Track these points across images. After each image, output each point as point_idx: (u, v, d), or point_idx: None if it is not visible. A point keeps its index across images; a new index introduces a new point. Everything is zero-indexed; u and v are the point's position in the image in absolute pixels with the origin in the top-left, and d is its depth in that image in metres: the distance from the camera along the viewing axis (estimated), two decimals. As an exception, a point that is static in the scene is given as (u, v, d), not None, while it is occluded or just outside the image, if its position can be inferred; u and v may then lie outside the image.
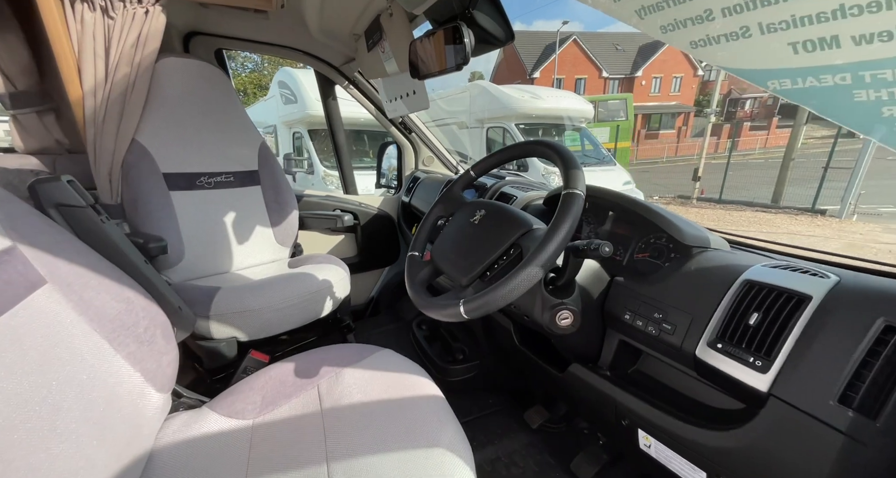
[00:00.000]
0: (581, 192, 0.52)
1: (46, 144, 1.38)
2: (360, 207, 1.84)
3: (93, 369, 0.50)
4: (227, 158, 1.38)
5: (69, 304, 0.51)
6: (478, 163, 0.78)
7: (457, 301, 0.54)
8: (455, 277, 0.62)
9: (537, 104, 5.90)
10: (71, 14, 1.07)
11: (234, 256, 1.36)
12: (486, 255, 0.58)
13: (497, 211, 0.63)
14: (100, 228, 0.61)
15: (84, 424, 0.47)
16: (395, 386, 0.70)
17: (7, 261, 0.45)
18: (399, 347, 1.58)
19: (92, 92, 1.11)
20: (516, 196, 1.01)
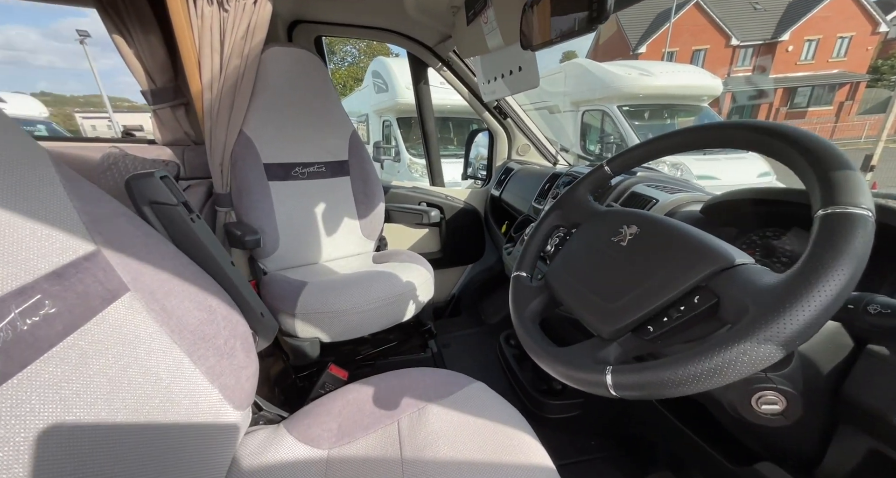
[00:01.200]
0: (869, 211, 0.29)
1: (178, 136, 1.53)
2: (447, 200, 1.73)
3: (167, 391, 0.46)
4: (320, 148, 1.36)
5: (150, 314, 0.47)
6: (618, 156, 0.57)
7: (601, 366, 0.36)
8: (590, 321, 0.43)
9: (648, 82, 5.08)
10: (193, 10, 1.11)
11: (322, 248, 1.36)
12: (645, 297, 0.38)
13: (664, 230, 0.42)
14: (189, 227, 0.58)
15: (157, 458, 0.42)
16: (492, 442, 0.55)
17: (86, 268, 0.41)
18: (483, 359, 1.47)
19: (209, 85, 1.16)
20: (655, 199, 0.76)
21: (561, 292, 0.50)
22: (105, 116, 15.18)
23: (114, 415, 0.39)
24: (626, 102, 5.24)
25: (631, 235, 0.45)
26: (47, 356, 0.34)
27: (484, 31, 1.10)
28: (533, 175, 1.41)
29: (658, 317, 0.37)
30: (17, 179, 0.36)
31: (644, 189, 0.81)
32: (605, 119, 5.30)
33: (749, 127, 0.40)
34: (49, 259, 0.37)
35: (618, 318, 0.40)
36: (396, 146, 6.04)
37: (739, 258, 0.35)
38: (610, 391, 0.35)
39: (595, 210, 0.56)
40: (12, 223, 0.34)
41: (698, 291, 0.35)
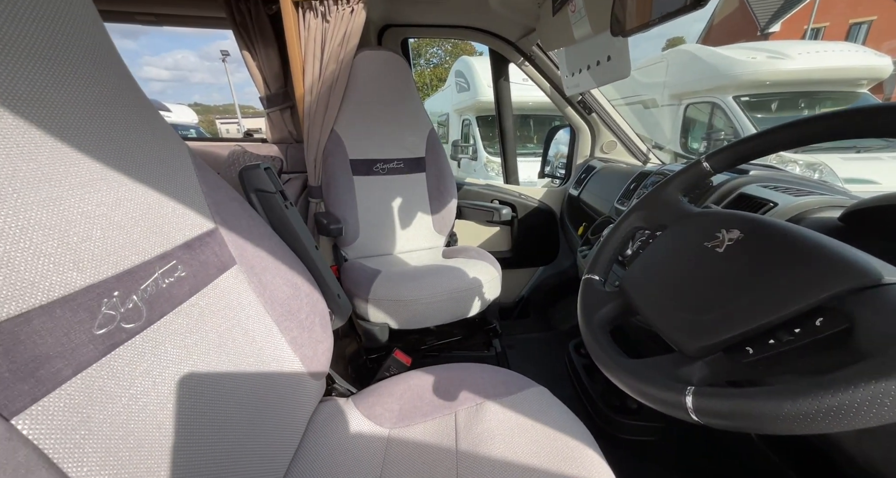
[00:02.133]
0: None
1: (283, 136, 1.76)
2: (520, 199, 1.69)
3: (261, 352, 0.53)
4: (400, 145, 1.44)
5: (250, 285, 0.55)
6: (722, 150, 0.49)
7: (681, 385, 0.32)
8: (672, 335, 0.38)
9: (780, 66, 4.21)
10: (302, 23, 1.26)
11: (396, 240, 1.43)
12: (748, 313, 0.32)
13: (778, 236, 0.35)
14: (284, 213, 0.66)
15: (247, 407, 0.49)
16: (550, 449, 0.53)
17: (207, 242, 0.49)
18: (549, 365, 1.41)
19: (310, 89, 1.30)
20: (773, 202, 0.64)
21: (638, 300, 0.45)
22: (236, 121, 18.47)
23: (220, 366, 0.46)
24: (746, 92, 4.43)
25: (730, 241, 0.38)
26: (178, 310, 0.42)
27: (570, 20, 1.04)
28: (617, 174, 1.29)
29: (762, 338, 0.31)
30: (167, 169, 0.46)
31: (758, 190, 0.69)
32: (715, 112, 4.56)
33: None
34: (183, 232, 0.45)
35: (708, 333, 0.34)
36: (474, 145, 6.07)
37: (889, 275, 0.28)
38: (690, 415, 0.30)
39: (686, 211, 0.49)
40: (161, 202, 0.43)
41: (823, 312, 0.29)
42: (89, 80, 0.38)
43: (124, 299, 0.36)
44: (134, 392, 0.35)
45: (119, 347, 0.35)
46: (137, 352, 0.36)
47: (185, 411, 0.40)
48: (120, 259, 0.37)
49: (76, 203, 0.34)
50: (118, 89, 0.42)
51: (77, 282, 0.32)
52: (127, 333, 0.36)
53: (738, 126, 4.20)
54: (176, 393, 0.39)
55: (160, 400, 0.37)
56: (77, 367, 0.30)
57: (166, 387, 0.38)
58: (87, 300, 0.32)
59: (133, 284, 0.37)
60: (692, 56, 5.00)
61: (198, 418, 0.41)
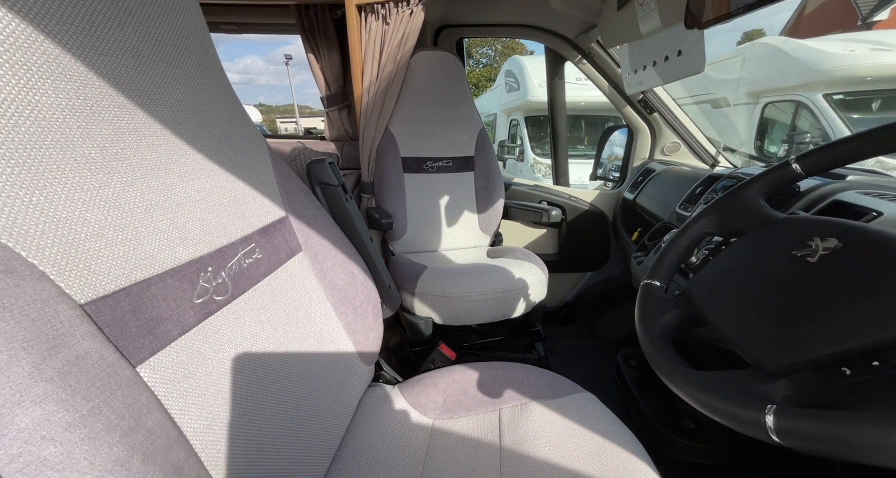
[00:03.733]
0: None
1: (340, 134, 1.86)
2: (570, 201, 1.63)
3: (320, 333, 0.57)
4: (450, 144, 1.45)
5: (313, 271, 0.59)
6: (815, 151, 0.44)
7: (759, 403, 0.29)
8: (749, 348, 0.35)
9: (887, 59, 3.66)
10: (364, 26, 1.32)
11: (442, 238, 1.46)
12: (848, 330, 0.29)
13: (887, 246, 0.31)
14: (344, 205, 0.70)
15: (307, 382, 0.52)
16: (597, 457, 0.51)
17: (279, 229, 0.53)
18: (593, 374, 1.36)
19: (368, 90, 1.36)
20: (877, 211, 0.56)
21: (707, 310, 0.42)
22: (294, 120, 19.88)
23: (287, 342, 0.50)
24: (841, 89, 3.90)
25: (825, 251, 0.35)
26: (255, 288, 0.46)
27: (638, 14, 0.99)
28: (681, 177, 1.21)
29: (864, 359, 0.28)
30: (250, 161, 0.51)
31: (856, 198, 0.61)
32: (801, 112, 4.05)
33: None
34: (261, 218, 0.50)
35: (795, 349, 0.31)
36: (521, 145, 5.98)
37: None
38: (770, 435, 0.28)
39: (769, 217, 0.45)
40: (245, 190, 0.48)
41: None
42: (199, 81, 0.43)
43: (216, 275, 0.40)
44: (222, 357, 0.39)
45: (211, 316, 0.39)
46: (225, 321, 0.41)
47: (258, 379, 0.44)
48: (213, 239, 0.41)
49: (183, 189, 0.39)
50: (218, 90, 0.47)
51: (183, 256, 0.37)
52: (217, 305, 0.40)
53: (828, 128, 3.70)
54: (252, 362, 0.43)
55: (241, 366, 0.41)
56: (182, 329, 0.35)
57: (245, 356, 0.43)
58: (190, 273, 0.37)
59: (223, 262, 0.42)
60: (774, 49, 4.49)
61: (268, 388, 0.45)
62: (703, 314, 0.43)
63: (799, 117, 4.08)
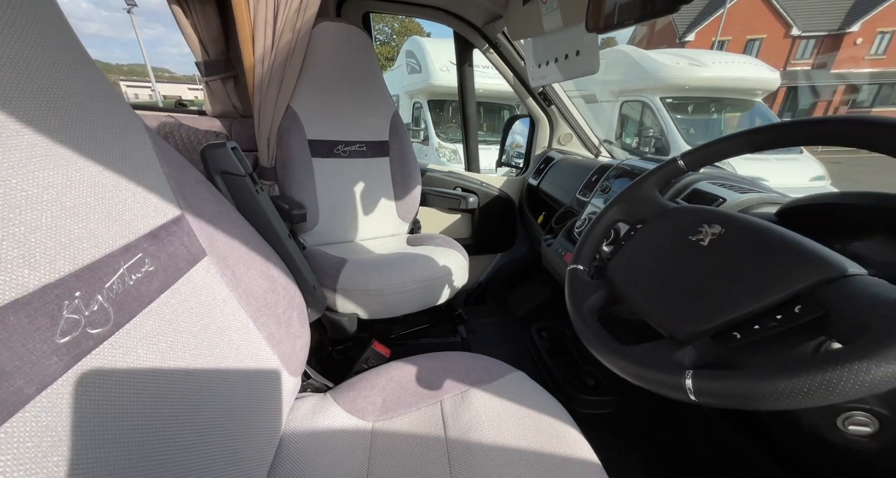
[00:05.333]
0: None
1: (227, 109, 1.57)
2: (482, 187, 1.71)
3: (238, 352, 0.48)
4: (363, 127, 1.37)
5: (223, 279, 0.49)
6: (695, 150, 0.54)
7: (679, 369, 0.35)
8: (663, 321, 0.42)
9: (698, 73, 4.75)
10: (249, -19, 1.11)
11: (359, 227, 1.38)
12: (734, 301, 0.36)
13: (757, 232, 0.39)
14: (254, 198, 0.60)
15: (227, 409, 0.44)
16: (536, 432, 0.56)
17: (175, 232, 0.43)
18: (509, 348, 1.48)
19: (261, 59, 1.17)
20: (723, 198, 0.72)
21: (625, 289, 0.49)
22: (147, 85, 15.74)
23: (196, 373, 0.41)
24: (670, 94, 4.94)
25: (713, 235, 0.43)
26: (148, 310, 0.36)
27: (542, 11, 1.06)
28: (577, 166, 1.37)
29: (748, 324, 0.35)
30: (122, 144, 0.38)
31: (709, 186, 0.77)
32: (645, 111, 5.02)
33: (861, 122, 0.36)
34: (147, 221, 0.39)
35: (698, 320, 0.38)
36: (426, 129, 5.99)
37: (852, 268, 0.33)
38: (689, 396, 0.34)
39: (664, 206, 0.53)
40: (119, 185, 0.36)
41: (800, 300, 0.33)
42: (26, 37, 0.30)
43: (88, 300, 0.30)
44: (108, 408, 0.30)
45: (86, 357, 0.29)
46: (108, 360, 0.31)
47: (164, 420, 0.35)
48: (78, 253, 0.30)
49: (17, 185, 0.27)
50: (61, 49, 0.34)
51: (30, 282, 0.26)
52: (94, 340, 0.30)
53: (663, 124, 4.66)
54: (153, 404, 0.34)
55: (137, 412, 0.32)
56: (41, 382, 0.25)
57: (143, 397, 0.33)
58: (45, 303, 0.27)
59: (97, 283, 0.31)
60: (628, 57, 5.40)
61: (179, 427, 0.37)
62: (622, 294, 0.49)
63: (645, 115, 5.03)
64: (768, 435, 0.60)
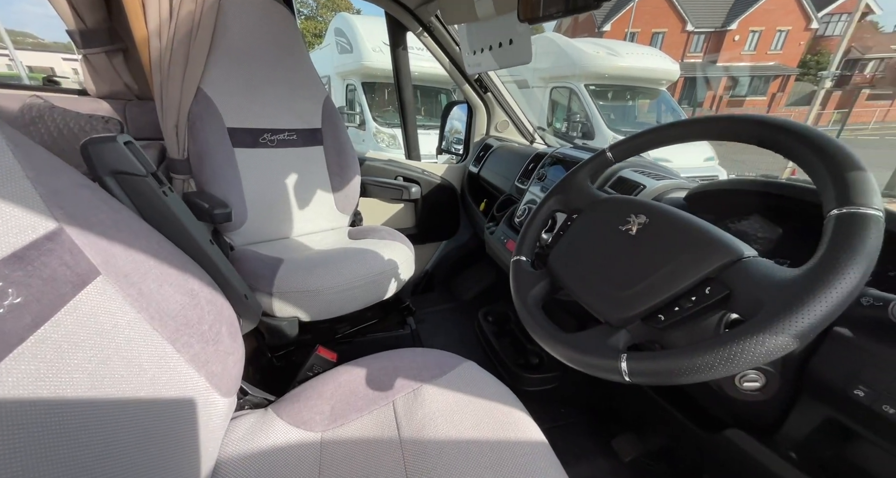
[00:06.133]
0: (879, 211, 0.31)
1: (116, 88, 1.33)
2: (423, 175, 1.69)
3: (153, 381, 0.42)
4: (291, 114, 1.25)
5: (126, 299, 0.42)
6: (621, 143, 0.58)
7: (615, 353, 0.38)
8: (599, 308, 0.45)
9: (614, 62, 5.14)
10: (133, -64, 0.93)
11: (294, 222, 1.28)
12: (657, 286, 0.40)
13: (675, 223, 0.43)
14: (161, 201, 0.51)
15: (148, 448, 0.39)
16: (488, 420, 0.57)
17: (51, 250, 0.35)
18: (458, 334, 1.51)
19: (157, 32, 1.00)
20: (643, 185, 0.79)
21: (565, 278, 0.51)
22: (3, 54, 12.57)
23: (101, 412, 0.35)
24: (592, 81, 5.30)
25: (640, 225, 0.46)
26: (18, 353, 0.29)
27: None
28: (515, 153, 1.40)
29: (669, 306, 0.39)
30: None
31: (631, 174, 0.84)
32: (573, 97, 5.34)
33: (760, 122, 0.41)
34: (5, 240, 0.31)
35: (629, 306, 0.41)
36: (361, 113, 5.72)
37: (747, 251, 0.38)
38: (624, 377, 0.37)
39: (596, 197, 0.57)
40: None
41: (709, 282, 0.37)
42: None
43: None
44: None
45: None
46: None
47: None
48: None
49: None
50: None
51: None
52: None
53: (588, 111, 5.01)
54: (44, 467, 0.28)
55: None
56: None
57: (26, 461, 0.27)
58: None
59: None
60: (555, 44, 5.64)
61: None
62: (563, 283, 0.52)
63: (572, 101, 5.36)
64: (683, 394, 0.69)
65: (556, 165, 1.11)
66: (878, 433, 0.42)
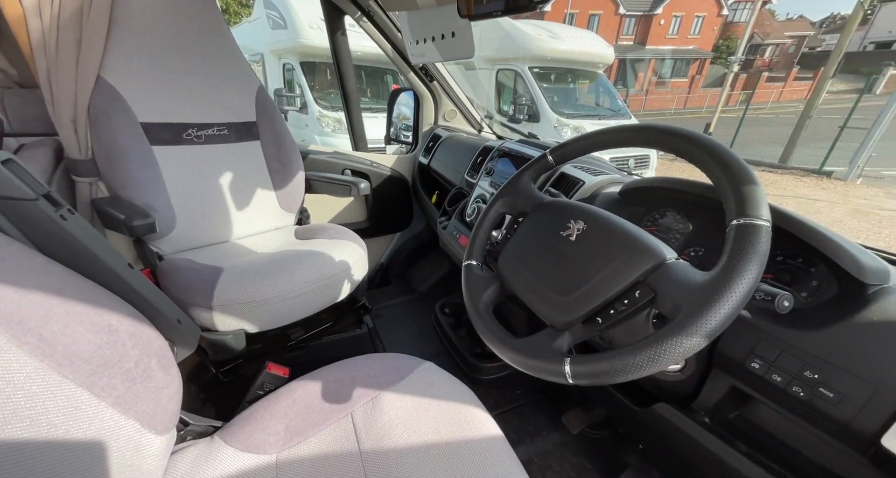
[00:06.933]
0: (767, 221, 0.36)
1: (-12, 74, 1.12)
2: (372, 167, 1.63)
3: (67, 435, 0.37)
4: (220, 107, 1.13)
5: (23, 349, 0.36)
6: (560, 146, 0.59)
7: (559, 357, 0.41)
8: (544, 312, 0.47)
9: (555, 45, 5.25)
10: None
11: (233, 225, 1.19)
12: (594, 292, 0.43)
13: (609, 229, 0.46)
14: (58, 227, 0.44)
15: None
16: (447, 422, 0.59)
17: None
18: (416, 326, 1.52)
19: (35, 9, 0.84)
20: (582, 181, 0.83)
21: (514, 283, 0.53)
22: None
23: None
24: (535, 64, 5.39)
25: (579, 231, 0.49)
26: None
27: (414, -17, 0.99)
28: (463, 145, 1.40)
29: (606, 309, 0.42)
30: None
31: (571, 170, 0.88)
32: (518, 79, 5.39)
33: (681, 136, 0.44)
34: None
35: (571, 311, 0.44)
36: (302, 95, 5.33)
37: (668, 255, 0.41)
38: (567, 380, 0.39)
39: (540, 200, 0.58)
40: None
41: (638, 285, 0.41)
42: None
43: None
44: None
45: None
46: None
47: None
48: None
49: None
50: None
51: None
52: None
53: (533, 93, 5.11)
54: None
55: None
56: None
57: None
58: None
59: None
60: (499, 26, 5.62)
61: None
62: (511, 288, 0.53)
63: (518, 83, 5.42)
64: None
65: (503, 158, 1.13)
66: (768, 396, 0.51)
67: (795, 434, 0.53)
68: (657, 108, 19.30)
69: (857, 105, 6.23)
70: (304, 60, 5.31)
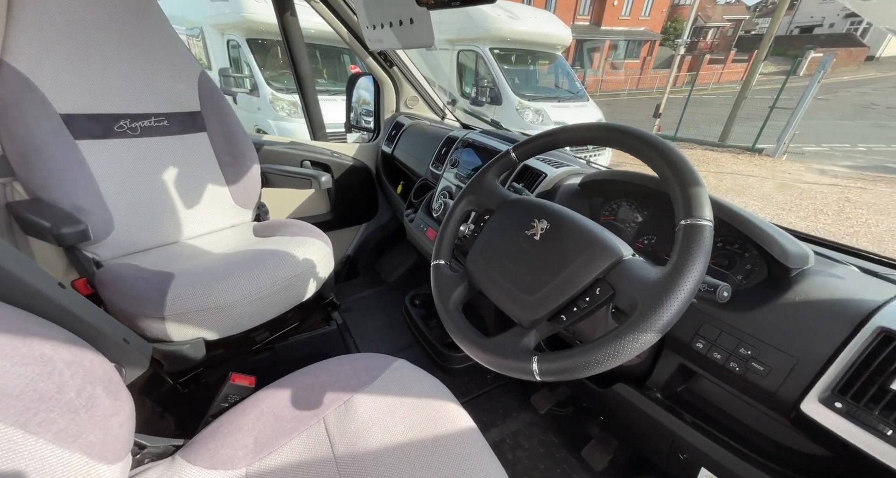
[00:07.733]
0: (710, 221, 0.39)
1: None
2: (333, 157, 1.56)
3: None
4: (156, 94, 1.03)
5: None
6: (523, 144, 0.60)
7: (526, 355, 0.43)
8: (511, 311, 0.49)
9: (514, 26, 5.21)
10: None
11: (182, 224, 1.10)
12: (558, 290, 0.44)
13: (571, 227, 0.48)
14: (-34, 249, 0.38)
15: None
16: (422, 419, 0.60)
17: None
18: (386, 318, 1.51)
19: None
20: (545, 173, 0.84)
21: (482, 282, 0.54)
22: None
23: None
24: (496, 45, 5.33)
25: (543, 230, 0.50)
26: None
27: (367, -38, 0.93)
28: (427, 135, 1.37)
29: (569, 307, 0.44)
30: None
31: (534, 162, 0.89)
32: (479, 61, 5.33)
33: (639, 137, 0.46)
34: None
35: (536, 309, 0.45)
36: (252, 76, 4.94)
37: (625, 252, 0.43)
38: (535, 377, 0.41)
39: (505, 198, 0.59)
40: None
41: (599, 283, 0.43)
42: None
43: None
44: None
45: None
46: None
47: None
48: None
49: None
50: None
51: None
52: None
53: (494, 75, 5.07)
54: None
55: None
56: None
57: None
58: None
59: None
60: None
61: None
62: (479, 286, 0.54)
63: (479, 64, 5.36)
64: None
65: (467, 149, 1.12)
66: (710, 372, 0.57)
67: (733, 403, 0.60)
68: (613, 89, 19.90)
69: (785, 86, 6.79)
70: (251, 37, 4.89)
